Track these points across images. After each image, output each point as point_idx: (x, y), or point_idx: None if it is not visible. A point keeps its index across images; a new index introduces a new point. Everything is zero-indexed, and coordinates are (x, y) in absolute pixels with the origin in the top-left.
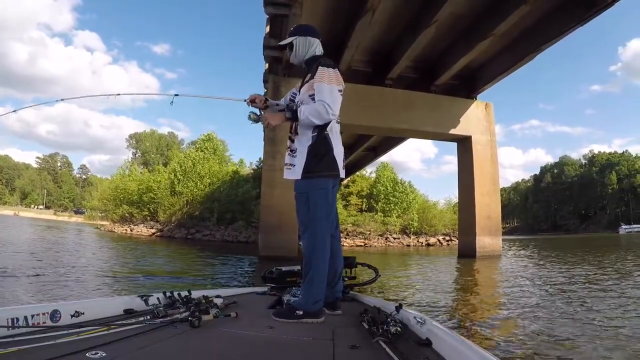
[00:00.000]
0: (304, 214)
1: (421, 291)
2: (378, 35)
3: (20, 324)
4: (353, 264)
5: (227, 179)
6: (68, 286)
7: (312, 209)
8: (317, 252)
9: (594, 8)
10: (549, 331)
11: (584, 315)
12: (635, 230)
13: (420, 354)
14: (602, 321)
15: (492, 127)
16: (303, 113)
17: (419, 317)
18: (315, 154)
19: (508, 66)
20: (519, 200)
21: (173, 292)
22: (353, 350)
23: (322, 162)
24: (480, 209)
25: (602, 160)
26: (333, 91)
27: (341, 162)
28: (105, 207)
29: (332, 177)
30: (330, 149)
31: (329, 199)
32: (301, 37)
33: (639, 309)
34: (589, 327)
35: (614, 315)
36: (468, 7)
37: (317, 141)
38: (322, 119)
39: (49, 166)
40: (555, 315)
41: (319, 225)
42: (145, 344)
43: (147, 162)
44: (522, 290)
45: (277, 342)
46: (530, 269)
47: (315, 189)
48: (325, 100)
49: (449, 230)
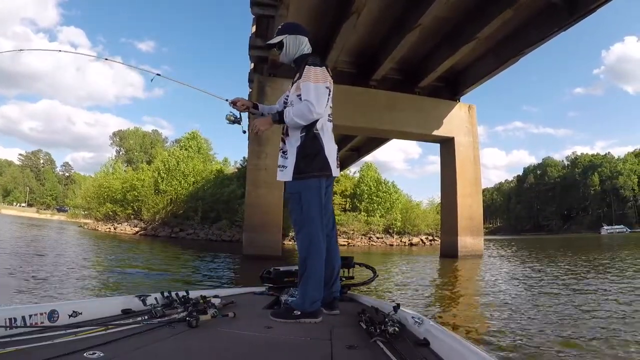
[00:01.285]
0: (297, 214)
1: (403, 289)
2: (363, 37)
3: (18, 324)
4: (351, 264)
5: (212, 177)
6: (47, 287)
7: (305, 209)
8: (312, 252)
9: (577, 14)
10: (533, 327)
11: (567, 313)
12: (617, 231)
13: (418, 353)
14: (594, 319)
15: (474, 129)
16: (288, 115)
17: (417, 317)
18: (305, 154)
19: (491, 69)
20: (502, 201)
21: (171, 292)
22: (351, 350)
23: (313, 162)
24: (462, 209)
25: (584, 162)
26: (318, 89)
27: (334, 160)
28: (88, 205)
29: (324, 177)
30: (320, 148)
31: (322, 199)
32: (291, 35)
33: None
34: (580, 324)
35: (606, 315)
36: (452, 11)
37: (305, 141)
38: (306, 119)
39: (31, 163)
40: (537, 312)
41: (312, 225)
42: (143, 344)
43: (131, 160)
44: (505, 289)
45: (275, 342)
46: (510, 268)
47: (307, 189)
48: (310, 100)
49: (431, 230)
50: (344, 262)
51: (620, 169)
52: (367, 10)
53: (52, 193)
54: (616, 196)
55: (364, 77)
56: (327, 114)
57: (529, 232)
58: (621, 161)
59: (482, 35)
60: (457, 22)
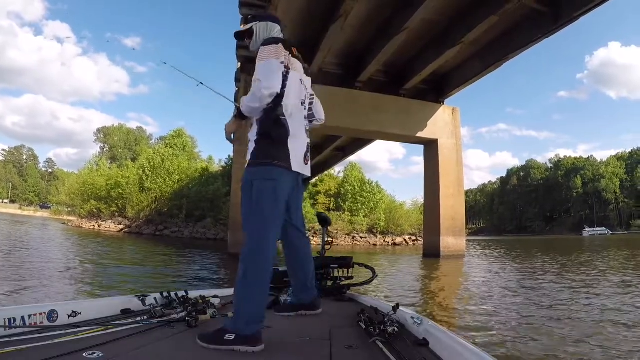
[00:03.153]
0: (246, 208)
1: (381, 288)
2: (350, 39)
3: (17, 324)
4: (350, 264)
5: (196, 176)
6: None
7: (255, 201)
8: (253, 256)
9: (561, 21)
10: (511, 318)
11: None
12: (598, 233)
13: (418, 354)
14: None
15: (458, 132)
16: (242, 103)
17: (416, 317)
18: (264, 139)
19: (476, 73)
20: (485, 202)
21: (170, 292)
22: (350, 350)
23: (271, 148)
24: (445, 210)
25: (567, 165)
26: (267, 65)
27: (300, 155)
28: (72, 202)
29: (284, 169)
30: (284, 135)
31: (279, 195)
32: (261, 22)
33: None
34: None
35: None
36: (439, 15)
37: (264, 124)
38: (257, 99)
39: (14, 159)
40: (514, 306)
41: (260, 224)
42: (143, 344)
43: (115, 157)
44: (486, 288)
45: (275, 342)
46: (491, 268)
47: (262, 177)
48: (258, 77)
49: (415, 230)
50: (344, 262)
51: (603, 172)
52: (355, 13)
53: (35, 189)
54: (598, 199)
55: (350, 79)
56: (300, 100)
57: (512, 233)
58: (604, 164)
59: (467, 40)
60: (443, 26)
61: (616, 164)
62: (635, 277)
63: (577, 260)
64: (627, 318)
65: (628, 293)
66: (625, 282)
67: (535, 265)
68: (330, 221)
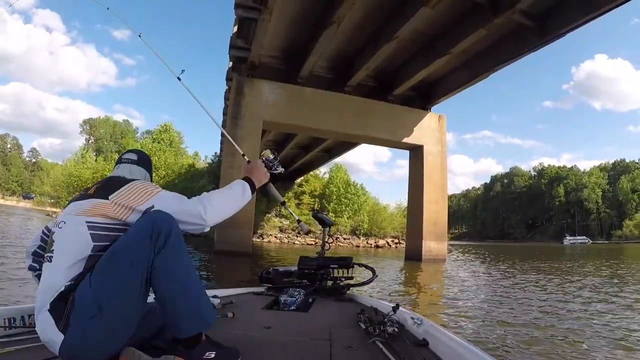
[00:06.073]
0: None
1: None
2: (341, 45)
3: (17, 323)
4: (350, 264)
5: (183, 172)
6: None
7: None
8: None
9: (547, 37)
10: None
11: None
12: (579, 241)
13: (417, 354)
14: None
15: (443, 138)
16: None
17: (416, 317)
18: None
19: (463, 82)
20: (468, 207)
21: None
22: (350, 350)
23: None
24: (428, 215)
25: (551, 173)
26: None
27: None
28: (57, 194)
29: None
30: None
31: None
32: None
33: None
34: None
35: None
36: (429, 26)
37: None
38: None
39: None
40: (488, 306)
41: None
42: None
43: (101, 150)
44: (462, 288)
45: (274, 343)
46: (470, 271)
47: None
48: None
49: (397, 233)
50: (344, 262)
51: (586, 182)
52: (348, 19)
53: (18, 179)
54: (580, 208)
55: (339, 83)
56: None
57: (494, 240)
58: (586, 174)
59: (456, 51)
60: (433, 36)
61: (599, 174)
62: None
63: (556, 266)
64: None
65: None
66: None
67: (514, 269)
68: (330, 221)
